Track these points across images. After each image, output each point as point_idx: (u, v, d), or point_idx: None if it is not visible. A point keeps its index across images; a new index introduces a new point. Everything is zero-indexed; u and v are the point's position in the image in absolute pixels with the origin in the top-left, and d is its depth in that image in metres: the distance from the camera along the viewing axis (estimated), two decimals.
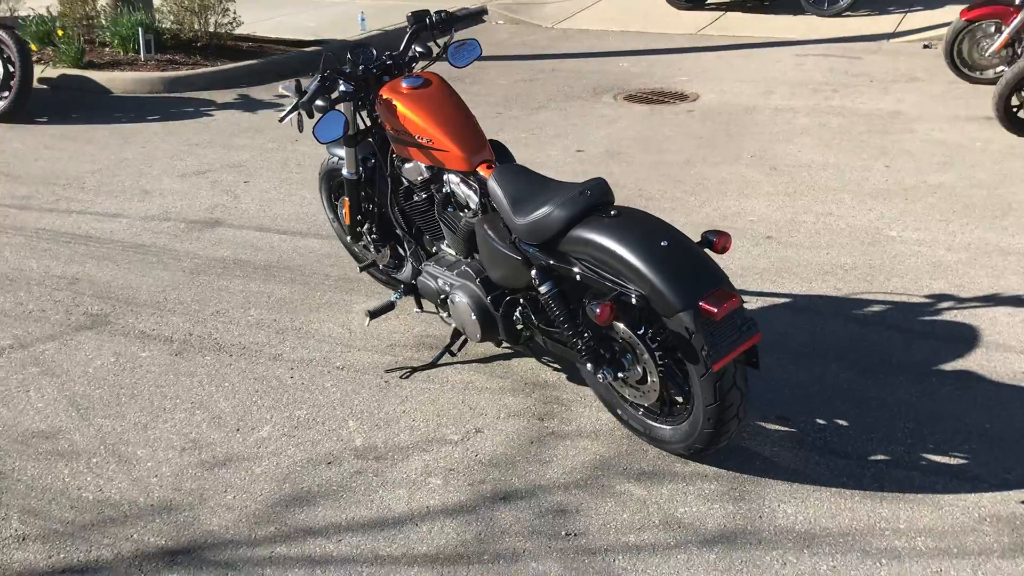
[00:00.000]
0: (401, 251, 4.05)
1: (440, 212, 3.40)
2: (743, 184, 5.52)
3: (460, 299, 3.29)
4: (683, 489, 2.86)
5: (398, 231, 3.78)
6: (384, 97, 3.37)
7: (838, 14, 10.34)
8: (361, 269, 4.10)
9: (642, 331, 2.84)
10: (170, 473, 3.01)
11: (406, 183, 3.57)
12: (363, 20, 9.87)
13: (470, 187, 3.28)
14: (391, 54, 3.58)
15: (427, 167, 3.40)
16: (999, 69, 7.71)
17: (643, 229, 2.72)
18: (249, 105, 7.69)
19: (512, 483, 2.92)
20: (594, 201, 2.85)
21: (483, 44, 3.76)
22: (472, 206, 3.29)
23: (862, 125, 6.70)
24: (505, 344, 3.56)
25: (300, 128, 3.38)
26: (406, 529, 2.73)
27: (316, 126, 3.27)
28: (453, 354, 3.64)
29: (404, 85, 3.38)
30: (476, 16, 3.71)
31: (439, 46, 3.64)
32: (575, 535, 2.68)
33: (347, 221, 4.00)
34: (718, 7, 11.19)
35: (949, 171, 5.68)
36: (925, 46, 9.20)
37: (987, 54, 7.66)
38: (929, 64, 8.42)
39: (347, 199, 3.92)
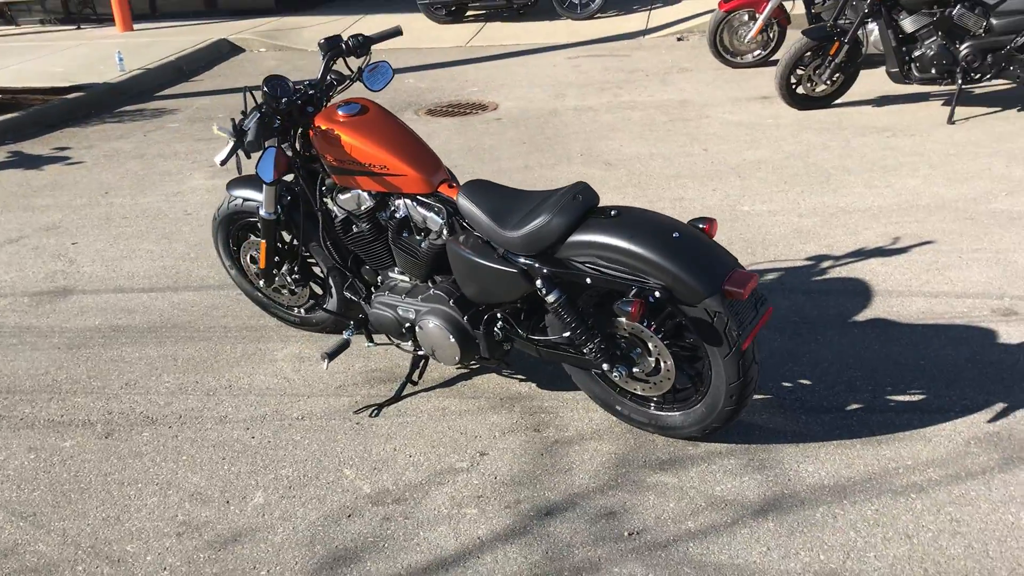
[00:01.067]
0: (319, 289, 3.90)
1: (395, 239, 3.30)
2: (592, 181, 5.75)
3: (433, 324, 3.22)
4: (708, 469, 2.98)
5: (324, 267, 3.64)
6: (324, 128, 3.23)
7: (590, 17, 10.96)
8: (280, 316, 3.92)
9: (647, 323, 2.91)
10: (181, 562, 2.72)
11: (343, 214, 3.43)
12: (121, 60, 9.20)
13: (431, 208, 3.22)
14: (311, 82, 3.43)
15: (371, 195, 3.29)
16: (756, 53, 8.53)
17: (652, 224, 2.81)
18: (29, 162, 6.97)
19: (547, 497, 2.91)
20: (588, 204, 2.90)
21: (252, 73, 3.70)
22: (434, 228, 3.22)
23: (661, 115, 7.17)
24: (471, 363, 3.51)
25: (240, 169, 3.19)
26: (471, 563, 2.65)
27: (259, 165, 3.10)
28: (414, 383, 3.55)
29: (341, 113, 3.26)
30: (393, 35, 3.63)
31: (351, 70, 3.53)
32: (638, 533, 2.72)
33: (263, 264, 3.78)
34: (476, 19, 11.48)
35: (761, 147, 6.22)
36: (679, 39, 9.97)
37: (745, 40, 8.43)
38: (690, 55, 9.15)
39: (263, 241, 3.70)
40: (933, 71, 6.55)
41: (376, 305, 3.45)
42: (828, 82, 6.92)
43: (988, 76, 6.50)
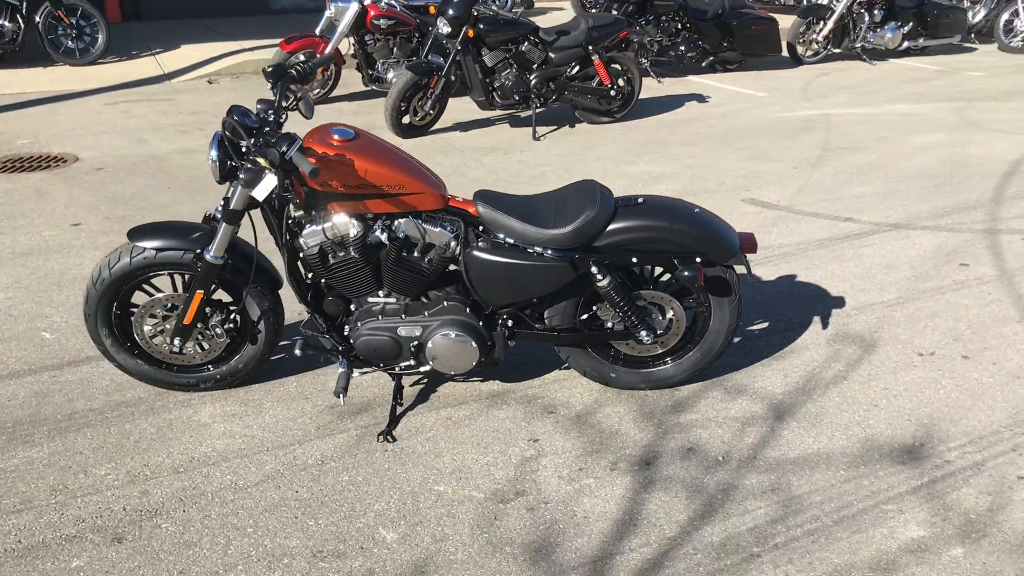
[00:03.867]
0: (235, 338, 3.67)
1: (396, 260, 3.33)
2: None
3: (450, 334, 3.36)
4: (745, 408, 3.67)
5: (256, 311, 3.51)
6: (329, 154, 3.18)
7: (93, 62, 10.29)
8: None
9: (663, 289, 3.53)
10: None
11: (313, 247, 3.33)
12: None
13: (438, 223, 3.36)
14: (275, 108, 3.29)
15: (360, 220, 3.30)
16: (316, 92, 9.03)
17: (677, 207, 3.41)
18: None
19: (628, 453, 3.32)
20: (613, 197, 3.41)
21: None
22: (440, 242, 3.36)
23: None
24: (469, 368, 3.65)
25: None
26: (640, 514, 2.97)
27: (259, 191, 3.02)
28: (401, 404, 3.62)
29: (338, 138, 3.24)
30: (327, 61, 3.59)
31: (296, 97, 3.47)
32: (724, 457, 3.33)
33: (189, 319, 3.45)
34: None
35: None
36: (209, 81, 9.97)
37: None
38: (238, 95, 9.25)
39: (199, 292, 3.40)
40: (514, 97, 7.83)
41: (364, 332, 3.41)
42: (431, 111, 7.78)
43: (553, 100, 7.99)
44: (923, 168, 6.78)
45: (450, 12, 7.40)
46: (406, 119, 7.75)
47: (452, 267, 3.46)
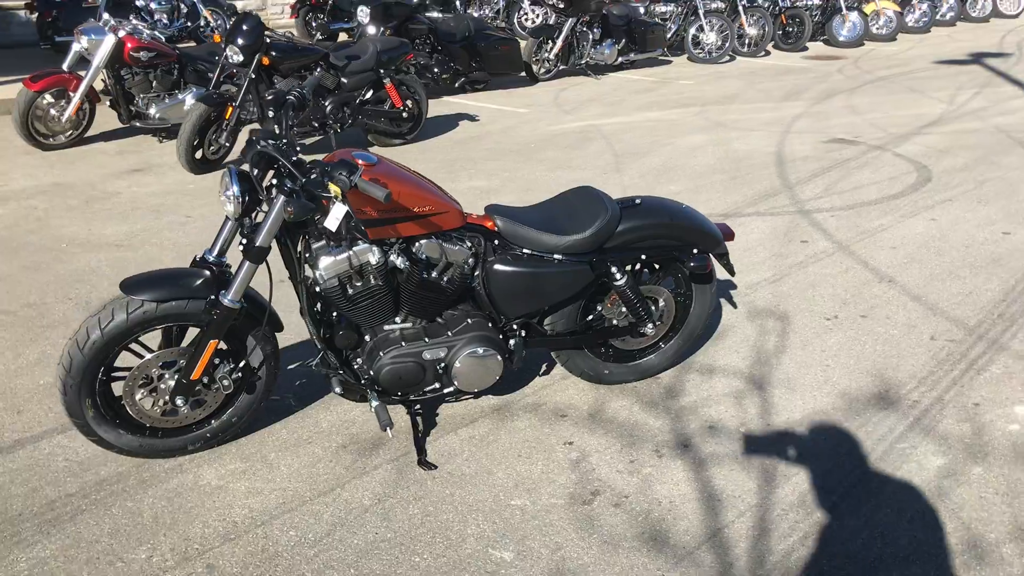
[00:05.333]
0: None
1: (420, 282, 3.25)
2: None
3: (477, 351, 3.32)
4: (726, 384, 3.96)
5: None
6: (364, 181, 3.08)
7: None
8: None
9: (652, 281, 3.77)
10: None
11: (330, 280, 3.17)
12: None
13: (455, 241, 3.34)
14: (287, 137, 3.13)
15: (377, 246, 3.23)
16: (69, 133, 8.29)
17: (669, 205, 3.63)
18: None
19: (668, 437, 3.53)
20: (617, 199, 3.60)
21: None
22: (458, 260, 3.34)
23: (42, 204, 6.72)
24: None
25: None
26: (717, 485, 3.17)
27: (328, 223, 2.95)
28: (421, 433, 3.57)
29: (363, 163, 3.15)
30: (318, 81, 3.43)
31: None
32: (798, 425, 3.64)
33: (198, 373, 3.19)
34: None
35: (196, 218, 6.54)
36: None
37: (63, 120, 8.11)
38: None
39: (213, 342, 3.16)
40: (312, 124, 7.70)
41: (387, 362, 3.30)
42: (227, 143, 7.44)
43: (349, 124, 7.94)
44: (709, 165, 7.56)
45: (240, 41, 7.11)
46: (199, 153, 7.31)
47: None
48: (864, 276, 5.05)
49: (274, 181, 2.96)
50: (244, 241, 3.03)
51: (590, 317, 3.68)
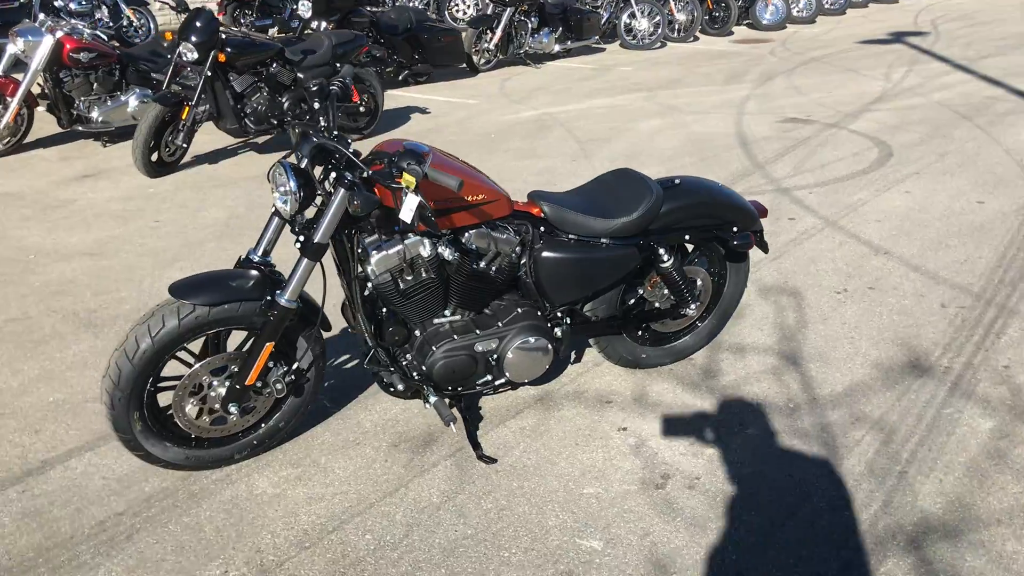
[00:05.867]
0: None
1: (471, 272, 3.14)
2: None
3: (529, 340, 3.24)
4: (760, 362, 3.96)
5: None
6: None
7: None
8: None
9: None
10: None
11: (382, 274, 3.07)
12: None
13: (501, 229, 3.24)
14: (336, 129, 3.01)
15: (427, 238, 3.13)
16: (6, 141, 7.90)
17: (707, 184, 3.60)
18: None
19: (740, 414, 3.53)
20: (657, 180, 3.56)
21: None
22: (507, 248, 3.26)
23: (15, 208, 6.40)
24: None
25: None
26: (801, 468, 3.23)
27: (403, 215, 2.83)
28: (473, 426, 3.49)
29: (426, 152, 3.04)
30: (350, 74, 3.30)
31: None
32: (842, 398, 3.65)
33: (254, 378, 3.06)
34: None
35: (167, 223, 6.34)
36: None
37: (1, 126, 7.71)
38: None
39: (269, 344, 3.03)
40: (269, 121, 7.48)
41: (440, 356, 3.20)
42: (184, 144, 7.17)
43: (307, 119, 7.73)
44: (676, 148, 7.59)
45: (194, 38, 6.84)
46: (155, 156, 7.03)
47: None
48: (859, 249, 5.12)
49: (333, 175, 2.83)
50: (301, 239, 2.89)
51: (631, 301, 3.62)
